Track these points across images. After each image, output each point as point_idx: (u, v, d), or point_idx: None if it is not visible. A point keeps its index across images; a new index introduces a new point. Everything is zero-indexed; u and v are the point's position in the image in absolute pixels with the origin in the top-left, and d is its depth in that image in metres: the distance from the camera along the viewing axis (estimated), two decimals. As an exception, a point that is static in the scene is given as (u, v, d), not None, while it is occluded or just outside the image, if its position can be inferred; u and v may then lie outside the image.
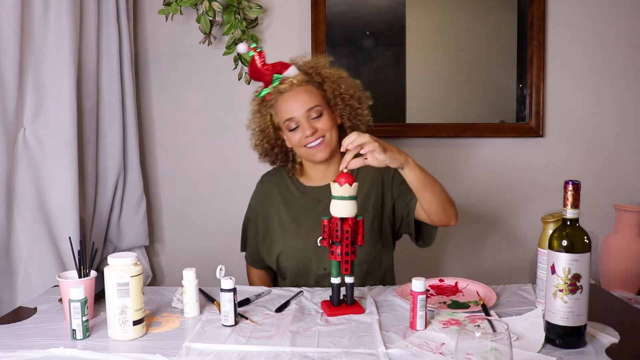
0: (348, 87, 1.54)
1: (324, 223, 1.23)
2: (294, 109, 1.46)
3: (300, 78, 1.48)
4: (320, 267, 1.51)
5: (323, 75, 1.52)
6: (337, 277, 1.24)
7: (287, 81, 1.47)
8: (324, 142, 1.48)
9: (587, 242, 1.00)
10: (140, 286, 1.11)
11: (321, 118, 1.47)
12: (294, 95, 1.46)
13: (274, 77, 1.47)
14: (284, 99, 1.48)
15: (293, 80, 1.47)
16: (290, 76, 1.48)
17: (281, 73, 1.47)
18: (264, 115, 1.54)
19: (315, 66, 1.53)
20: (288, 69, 1.48)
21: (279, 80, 1.48)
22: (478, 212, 2.19)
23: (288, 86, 1.47)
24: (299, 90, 1.47)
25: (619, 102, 2.12)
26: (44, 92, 1.59)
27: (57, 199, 1.62)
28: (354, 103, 1.54)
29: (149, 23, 2.15)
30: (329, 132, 1.48)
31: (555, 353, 0.99)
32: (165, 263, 2.29)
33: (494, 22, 2.13)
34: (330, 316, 1.21)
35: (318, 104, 1.47)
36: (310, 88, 1.49)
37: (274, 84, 1.48)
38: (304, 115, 1.45)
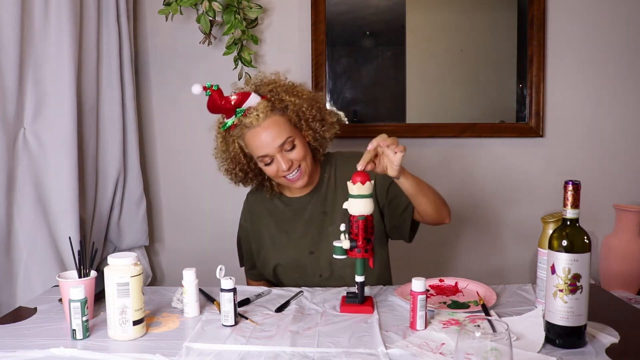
0: (310, 108, 1.48)
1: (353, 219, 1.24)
2: (266, 146, 1.41)
3: (263, 109, 1.40)
4: (316, 275, 1.52)
5: (284, 100, 1.45)
6: (361, 275, 1.25)
7: (251, 114, 1.40)
8: (301, 171, 1.46)
9: (587, 242, 1.00)
10: (140, 286, 1.11)
11: (294, 149, 1.43)
12: (263, 131, 1.40)
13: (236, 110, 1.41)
14: (253, 134, 1.41)
15: (258, 113, 1.39)
16: (252, 106, 1.41)
17: (242, 104, 1.41)
18: (231, 144, 1.49)
19: (275, 90, 1.47)
20: (248, 99, 1.41)
21: (242, 113, 1.41)
22: (478, 212, 2.19)
23: (254, 120, 1.39)
24: (267, 124, 1.40)
25: (619, 102, 2.12)
26: (44, 92, 1.59)
27: (57, 199, 1.62)
28: (316, 125, 1.49)
29: (149, 23, 2.15)
30: (304, 160, 1.45)
31: (555, 353, 0.99)
32: (165, 263, 2.29)
33: (494, 22, 2.13)
34: (342, 312, 1.23)
35: (289, 135, 1.42)
36: (276, 119, 1.42)
37: (237, 116, 1.41)
38: (276, 150, 1.41)
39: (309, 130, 1.49)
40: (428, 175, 2.16)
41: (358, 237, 1.23)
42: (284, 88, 1.48)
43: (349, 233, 1.24)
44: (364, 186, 1.22)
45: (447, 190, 2.17)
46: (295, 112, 1.46)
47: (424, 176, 2.16)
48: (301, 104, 1.46)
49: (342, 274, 1.49)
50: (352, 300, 1.26)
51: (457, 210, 2.19)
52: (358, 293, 1.26)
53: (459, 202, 2.20)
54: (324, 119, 1.51)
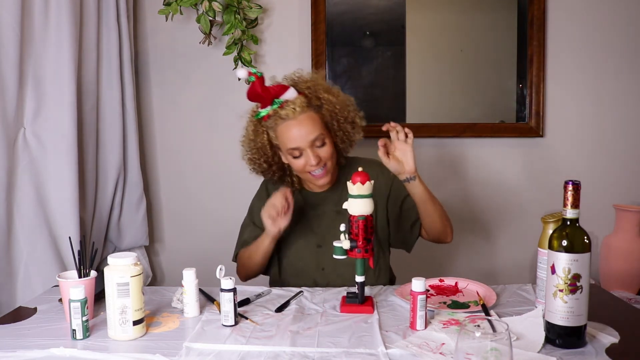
0: (343, 110, 1.51)
1: (353, 219, 1.24)
2: (299, 139, 1.43)
3: (301, 103, 1.44)
4: (319, 268, 1.53)
5: (321, 98, 1.48)
6: (362, 276, 1.26)
7: (288, 107, 1.43)
8: (325, 169, 1.48)
9: (587, 242, 1.00)
10: (140, 286, 1.11)
11: (324, 146, 1.46)
12: (298, 125, 1.43)
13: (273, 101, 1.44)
14: (287, 126, 1.44)
15: (295, 106, 1.43)
16: (289, 99, 1.44)
17: (280, 96, 1.44)
18: (261, 134, 1.51)
19: (313, 87, 1.50)
20: (287, 92, 1.44)
21: (278, 104, 1.44)
22: (478, 212, 2.20)
23: (291, 112, 1.42)
24: (302, 118, 1.43)
25: (619, 102, 2.13)
26: (44, 92, 1.59)
27: (57, 199, 1.62)
28: (347, 127, 1.52)
29: (149, 23, 2.15)
30: (330, 160, 1.49)
31: (555, 353, 0.99)
32: (165, 263, 2.29)
33: (494, 22, 2.13)
34: (342, 312, 1.23)
35: (321, 132, 1.46)
36: (311, 114, 1.46)
37: (273, 106, 1.44)
38: (308, 144, 1.44)
39: (339, 131, 1.52)
40: (428, 175, 2.17)
41: (358, 237, 1.23)
42: (322, 87, 1.51)
43: (349, 233, 1.24)
44: (364, 186, 1.22)
45: (447, 190, 2.18)
46: (330, 112, 1.49)
47: (424, 176, 2.17)
48: (336, 105, 1.49)
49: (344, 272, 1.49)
50: (352, 300, 1.26)
51: (457, 210, 2.20)
52: (358, 293, 1.26)
53: (459, 202, 2.20)
54: (355, 122, 1.54)
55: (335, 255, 1.26)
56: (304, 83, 1.51)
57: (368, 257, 1.25)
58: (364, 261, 1.25)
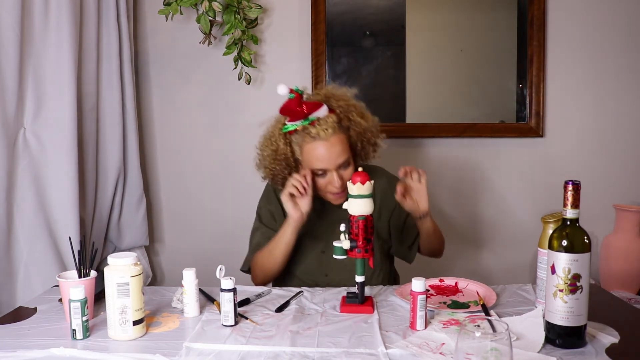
0: (369, 133, 1.51)
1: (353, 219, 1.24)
2: (327, 162, 1.42)
3: (332, 123, 1.41)
4: (322, 274, 1.53)
5: (352, 120, 1.47)
6: (361, 276, 1.25)
7: (320, 126, 1.40)
8: (344, 190, 1.46)
9: (587, 242, 1.00)
10: (140, 286, 1.11)
11: (348, 168, 1.46)
12: (328, 146, 1.41)
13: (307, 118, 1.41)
14: (316, 146, 1.42)
15: (327, 127, 1.40)
16: (320, 117, 1.42)
17: (312, 113, 1.41)
18: (285, 145, 1.48)
19: (345, 107, 1.48)
20: (320, 109, 1.41)
21: (309, 121, 1.41)
22: (478, 212, 2.20)
23: (322, 133, 1.40)
24: (333, 140, 1.41)
25: (618, 102, 2.12)
26: (44, 92, 1.59)
27: (57, 199, 1.62)
28: (369, 148, 1.53)
29: (149, 23, 2.15)
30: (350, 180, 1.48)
31: (555, 353, 0.99)
32: (165, 263, 2.29)
33: (494, 22, 2.13)
34: (342, 312, 1.23)
35: (348, 156, 1.46)
36: (341, 137, 1.44)
37: (304, 122, 1.42)
38: (335, 167, 1.43)
39: (361, 151, 1.53)
40: (428, 175, 2.17)
41: (358, 237, 1.23)
42: (354, 107, 1.49)
43: (349, 233, 1.24)
44: (364, 186, 1.22)
45: (447, 190, 2.18)
46: (357, 133, 1.48)
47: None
48: (365, 128, 1.49)
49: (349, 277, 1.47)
50: (352, 300, 1.26)
51: (457, 210, 2.20)
52: (358, 293, 1.26)
53: (459, 202, 2.20)
54: (376, 144, 1.55)
55: (335, 255, 1.26)
56: (335, 100, 1.48)
57: (368, 257, 1.25)
58: (364, 261, 1.26)
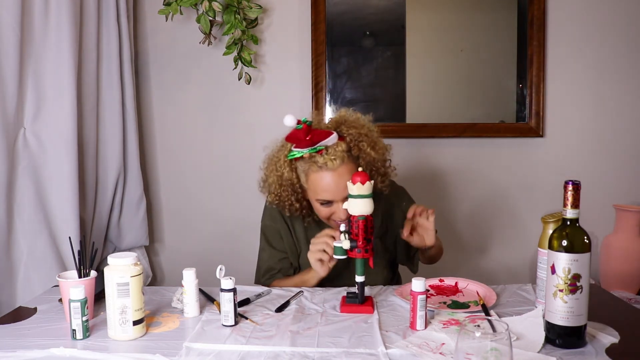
0: (379, 162, 1.45)
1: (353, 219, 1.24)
2: (333, 192, 1.36)
3: (340, 153, 1.35)
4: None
5: (362, 149, 1.40)
6: (362, 276, 1.25)
7: (327, 156, 1.34)
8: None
9: (587, 242, 1.00)
10: (140, 286, 1.11)
11: None
12: (336, 177, 1.35)
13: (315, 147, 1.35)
14: (322, 176, 1.36)
15: (335, 158, 1.34)
16: (328, 145, 1.35)
17: (320, 141, 1.34)
18: (290, 171, 1.43)
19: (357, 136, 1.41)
20: (329, 137, 1.34)
21: (316, 150, 1.35)
22: (478, 212, 2.20)
23: (330, 163, 1.33)
24: (340, 171, 1.35)
25: (619, 102, 2.13)
26: (44, 92, 1.59)
27: (57, 199, 1.62)
28: (377, 178, 1.46)
29: (149, 23, 2.15)
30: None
31: (555, 353, 0.99)
32: (165, 263, 2.29)
33: (494, 22, 2.13)
34: (342, 312, 1.23)
35: None
36: (350, 167, 1.37)
37: (310, 150, 1.35)
38: (341, 199, 1.36)
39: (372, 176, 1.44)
40: (428, 175, 2.18)
41: (358, 237, 1.23)
42: (367, 139, 1.42)
43: (349, 233, 1.24)
44: (364, 186, 1.22)
45: (447, 190, 2.18)
46: (366, 163, 1.42)
47: (423, 176, 2.17)
48: (375, 157, 1.42)
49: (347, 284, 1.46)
50: (352, 300, 1.26)
51: (457, 210, 2.20)
52: (358, 293, 1.26)
53: (459, 202, 2.20)
54: (386, 174, 1.49)
55: (335, 255, 1.26)
56: (347, 128, 1.42)
57: (368, 257, 1.25)
58: (364, 261, 1.25)
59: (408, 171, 2.18)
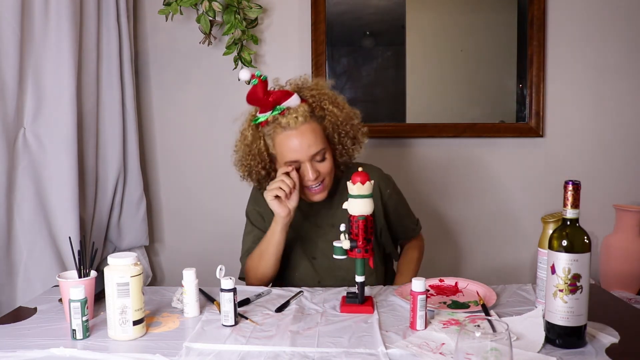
0: (346, 124, 1.45)
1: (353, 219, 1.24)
2: (299, 152, 1.37)
3: (303, 112, 1.36)
4: (315, 280, 1.52)
5: (325, 109, 1.41)
6: (362, 276, 1.25)
7: (290, 115, 1.35)
8: (323, 185, 1.43)
9: (587, 242, 1.00)
10: (140, 286, 1.11)
11: (324, 161, 1.41)
12: (299, 136, 1.36)
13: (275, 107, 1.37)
14: (287, 137, 1.37)
15: (297, 116, 1.35)
16: (291, 106, 1.37)
17: (282, 102, 1.36)
18: (257, 139, 1.44)
19: (318, 97, 1.42)
20: (290, 98, 1.36)
21: (279, 111, 1.36)
22: (478, 212, 2.20)
23: (292, 122, 1.35)
24: (304, 129, 1.36)
25: (618, 102, 2.12)
26: (44, 92, 1.59)
27: (57, 199, 1.62)
28: (347, 141, 1.46)
29: (149, 23, 2.15)
30: (328, 175, 1.43)
31: (555, 353, 0.99)
32: (165, 263, 2.29)
33: (494, 22, 2.13)
34: (342, 312, 1.23)
35: (322, 147, 1.39)
36: (314, 126, 1.38)
37: (273, 112, 1.37)
38: (308, 158, 1.38)
39: (339, 145, 1.46)
40: (428, 175, 2.18)
41: (358, 237, 1.23)
42: (327, 96, 1.44)
43: (349, 233, 1.24)
44: (364, 186, 1.22)
45: (447, 190, 2.18)
46: (332, 124, 1.42)
47: (423, 176, 2.17)
48: (339, 117, 1.42)
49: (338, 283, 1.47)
50: (352, 300, 1.26)
51: (456, 210, 2.20)
52: (358, 293, 1.26)
53: (458, 202, 2.20)
54: (356, 138, 1.48)
55: (335, 255, 1.26)
56: (308, 90, 1.44)
57: (368, 257, 1.25)
58: (364, 261, 1.25)
59: (408, 171, 2.18)
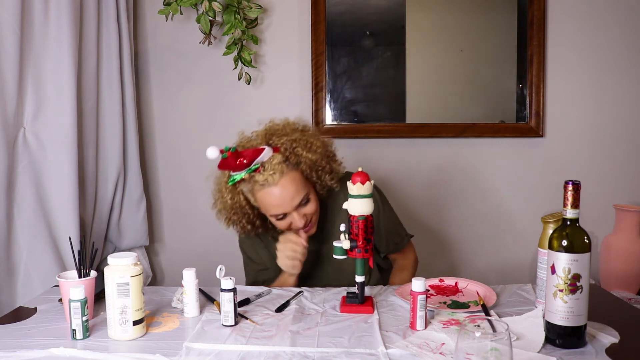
0: (322, 161, 1.43)
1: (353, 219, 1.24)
2: (284, 205, 1.35)
3: (278, 167, 1.32)
4: None
5: (299, 155, 1.39)
6: (362, 276, 1.25)
7: (266, 172, 1.32)
8: (312, 223, 1.43)
9: (587, 242, 1.00)
10: (140, 286, 1.11)
11: (309, 203, 1.40)
12: (281, 190, 1.33)
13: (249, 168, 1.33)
14: (268, 193, 1.34)
15: (274, 172, 1.32)
16: (264, 161, 1.33)
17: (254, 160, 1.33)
18: (236, 195, 1.41)
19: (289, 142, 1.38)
20: (262, 154, 1.33)
21: (254, 169, 1.33)
22: (478, 212, 2.19)
23: (270, 178, 1.32)
24: (283, 182, 1.33)
25: (618, 102, 2.13)
26: (44, 92, 1.59)
27: (57, 199, 1.62)
28: (326, 177, 1.44)
29: (149, 23, 2.15)
30: (315, 213, 1.43)
31: (555, 353, 0.99)
32: (165, 263, 2.29)
33: (494, 22, 2.13)
34: (342, 312, 1.23)
35: (306, 192, 1.38)
36: (292, 175, 1.36)
37: (248, 171, 1.33)
38: (294, 208, 1.37)
39: (317, 181, 1.45)
40: (428, 175, 2.18)
41: (358, 237, 1.23)
42: (300, 142, 1.40)
43: (349, 233, 1.24)
44: (364, 186, 1.22)
45: (447, 190, 2.18)
46: (308, 168, 1.40)
47: (423, 176, 2.17)
48: (314, 159, 1.40)
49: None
50: (352, 300, 1.26)
51: (457, 210, 2.20)
52: (358, 293, 1.26)
53: (458, 202, 2.20)
54: (333, 170, 1.47)
55: (335, 255, 1.26)
56: (278, 137, 1.40)
57: (368, 257, 1.25)
58: (364, 261, 1.25)
59: (408, 171, 2.18)
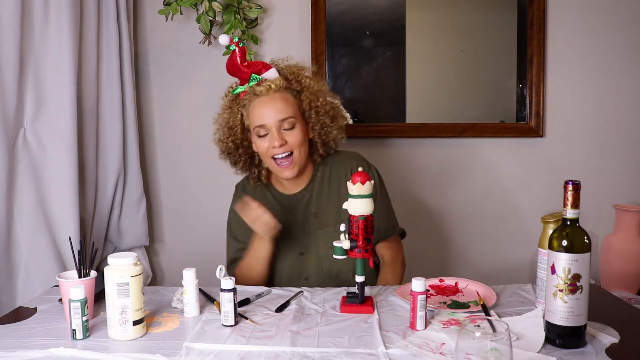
0: (324, 101, 1.46)
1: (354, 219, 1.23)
2: (267, 116, 1.39)
3: (279, 83, 1.40)
4: (302, 277, 1.51)
5: (303, 83, 1.44)
6: (362, 275, 1.25)
7: (265, 84, 1.40)
8: (292, 160, 1.42)
9: (587, 242, 1.00)
10: (140, 286, 1.11)
11: (293, 130, 1.41)
12: (270, 101, 1.39)
13: (251, 77, 1.40)
14: (258, 102, 1.40)
15: (271, 84, 1.39)
16: (268, 78, 1.40)
17: (260, 73, 1.40)
18: (234, 112, 1.47)
19: (297, 72, 1.46)
20: (268, 71, 1.40)
21: (256, 81, 1.40)
22: (478, 212, 2.19)
23: (265, 90, 1.39)
24: (275, 96, 1.39)
25: (619, 102, 2.12)
26: (44, 92, 1.59)
27: (57, 199, 1.62)
28: (326, 119, 1.46)
29: (149, 23, 2.15)
30: (297, 148, 1.42)
31: (555, 353, 0.99)
32: (165, 263, 2.29)
33: (494, 22, 2.13)
34: (342, 312, 1.23)
35: (292, 115, 1.40)
36: (287, 96, 1.41)
37: (250, 83, 1.41)
38: (275, 124, 1.39)
39: (317, 124, 1.46)
40: (428, 175, 2.18)
41: (358, 237, 1.23)
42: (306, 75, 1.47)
43: (349, 233, 1.24)
44: (364, 186, 1.22)
45: (447, 190, 2.18)
46: (309, 100, 1.43)
47: (423, 176, 2.17)
48: (317, 95, 1.44)
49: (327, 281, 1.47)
50: (352, 300, 1.26)
51: (457, 210, 2.20)
52: (358, 293, 1.26)
53: (458, 202, 2.20)
54: (335, 117, 1.48)
55: (335, 255, 1.26)
56: (288, 68, 1.47)
57: (368, 257, 1.25)
58: (364, 261, 1.25)
59: (408, 171, 2.18)
